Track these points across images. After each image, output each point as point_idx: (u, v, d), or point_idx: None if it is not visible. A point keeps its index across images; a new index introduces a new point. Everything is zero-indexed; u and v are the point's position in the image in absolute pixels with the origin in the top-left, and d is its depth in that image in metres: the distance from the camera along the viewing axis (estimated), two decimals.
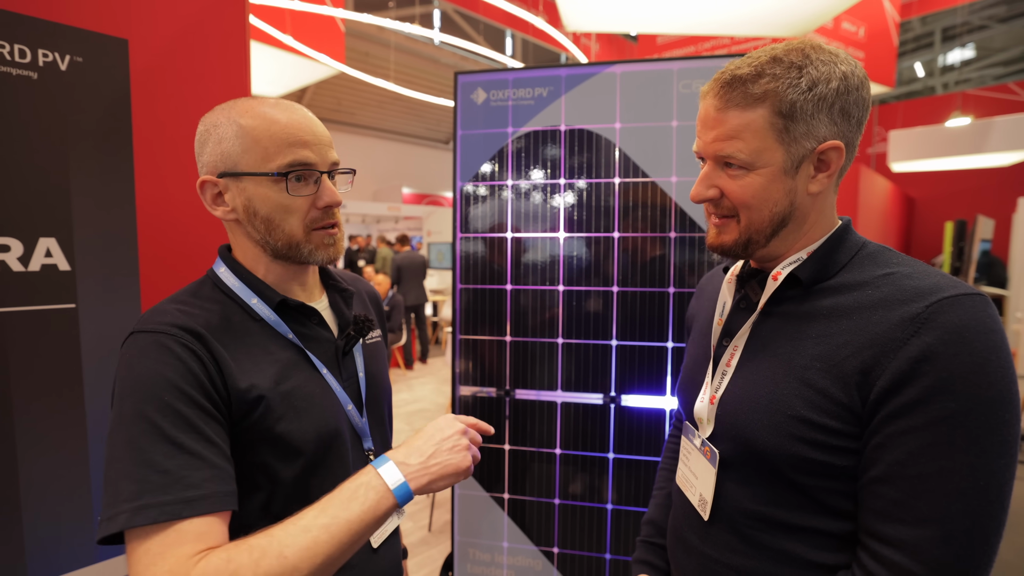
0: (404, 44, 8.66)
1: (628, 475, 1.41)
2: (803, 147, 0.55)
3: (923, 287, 0.51)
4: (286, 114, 0.61)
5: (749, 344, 0.63)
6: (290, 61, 3.67)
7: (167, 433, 0.51)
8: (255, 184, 0.60)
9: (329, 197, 0.63)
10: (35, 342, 0.80)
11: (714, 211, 0.62)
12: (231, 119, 0.61)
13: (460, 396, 1.51)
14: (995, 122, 5.07)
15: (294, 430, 0.60)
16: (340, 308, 0.72)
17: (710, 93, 0.59)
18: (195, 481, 0.51)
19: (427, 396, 4.75)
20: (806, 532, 0.56)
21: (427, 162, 12.26)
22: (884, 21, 5.06)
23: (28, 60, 0.78)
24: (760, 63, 0.55)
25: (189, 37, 0.99)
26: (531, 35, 6.13)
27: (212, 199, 0.63)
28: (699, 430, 0.67)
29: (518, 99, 1.44)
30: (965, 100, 7.23)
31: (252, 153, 0.60)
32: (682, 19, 3.30)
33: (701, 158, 0.62)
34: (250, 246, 0.65)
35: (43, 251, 0.80)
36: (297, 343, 0.65)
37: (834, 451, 0.53)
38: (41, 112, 0.79)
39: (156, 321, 0.56)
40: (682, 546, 0.69)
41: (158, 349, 0.54)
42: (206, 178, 0.61)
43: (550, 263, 1.44)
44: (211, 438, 0.53)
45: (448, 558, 1.65)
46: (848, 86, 0.55)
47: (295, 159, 0.60)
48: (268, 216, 0.61)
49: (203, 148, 0.62)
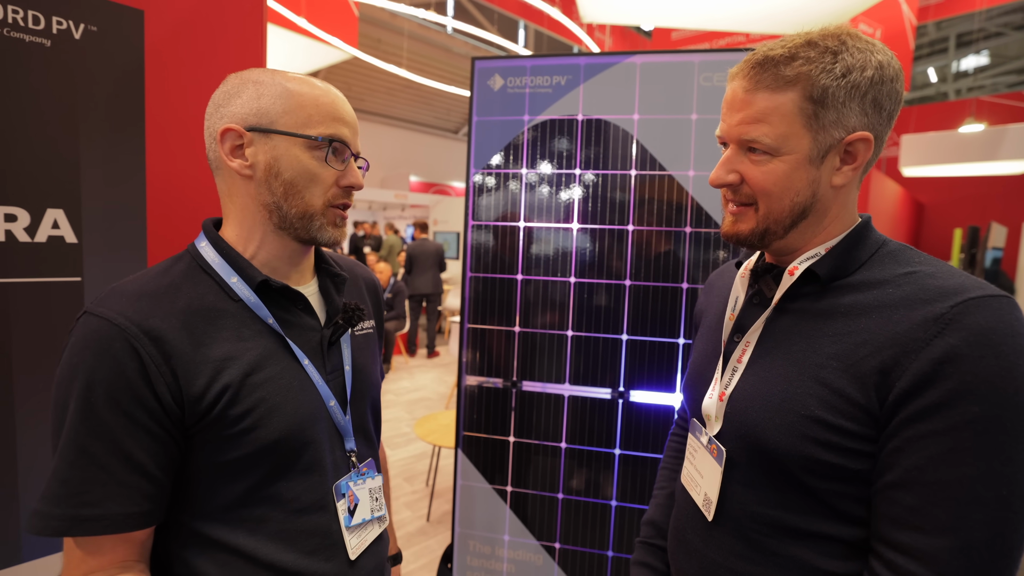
0: (417, 32, 8.59)
1: (634, 472, 1.40)
2: (831, 136, 0.53)
3: (947, 287, 0.49)
4: (332, 92, 0.62)
5: (762, 340, 0.60)
6: (303, 44, 3.63)
7: (80, 440, 0.48)
8: (288, 145, 0.58)
9: (354, 178, 0.62)
10: (39, 314, 0.78)
11: (732, 198, 0.60)
12: (276, 80, 0.59)
13: (466, 386, 1.50)
14: (1008, 129, 5.01)
15: (262, 425, 0.55)
16: (330, 294, 0.67)
17: (739, 74, 0.57)
18: (94, 498, 0.48)
19: (429, 384, 4.75)
20: (815, 538, 0.54)
21: (436, 151, 12.21)
22: (901, 24, 4.99)
23: (42, 27, 0.75)
24: (795, 45, 0.53)
25: (206, 10, 0.97)
26: (545, 26, 6.07)
27: (231, 149, 0.59)
28: (706, 427, 0.65)
29: (535, 87, 1.41)
30: (979, 106, 7.15)
31: (294, 115, 0.58)
32: (699, 14, 3.25)
33: (723, 143, 0.60)
34: (252, 211, 0.60)
35: (50, 222, 0.79)
36: (277, 329, 0.60)
37: (848, 454, 0.50)
38: (53, 81, 0.77)
39: (113, 307, 0.52)
40: (683, 548, 0.67)
41: (100, 346, 0.50)
42: (232, 126, 0.58)
43: (562, 254, 1.42)
44: (130, 452, 0.50)
45: (448, 550, 1.64)
46: (883, 76, 0.53)
47: (337, 132, 0.59)
48: (292, 180, 0.58)
49: (232, 99, 0.58)
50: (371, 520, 0.66)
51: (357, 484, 0.65)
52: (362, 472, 0.66)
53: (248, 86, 0.59)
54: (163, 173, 0.94)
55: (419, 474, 3.04)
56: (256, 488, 0.56)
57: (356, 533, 0.64)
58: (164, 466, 0.53)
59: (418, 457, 3.26)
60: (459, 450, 1.51)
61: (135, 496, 0.50)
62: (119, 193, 0.86)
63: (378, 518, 0.68)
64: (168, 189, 0.96)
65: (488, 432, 1.49)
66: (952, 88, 10.77)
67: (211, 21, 0.98)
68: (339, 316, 0.66)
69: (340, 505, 0.62)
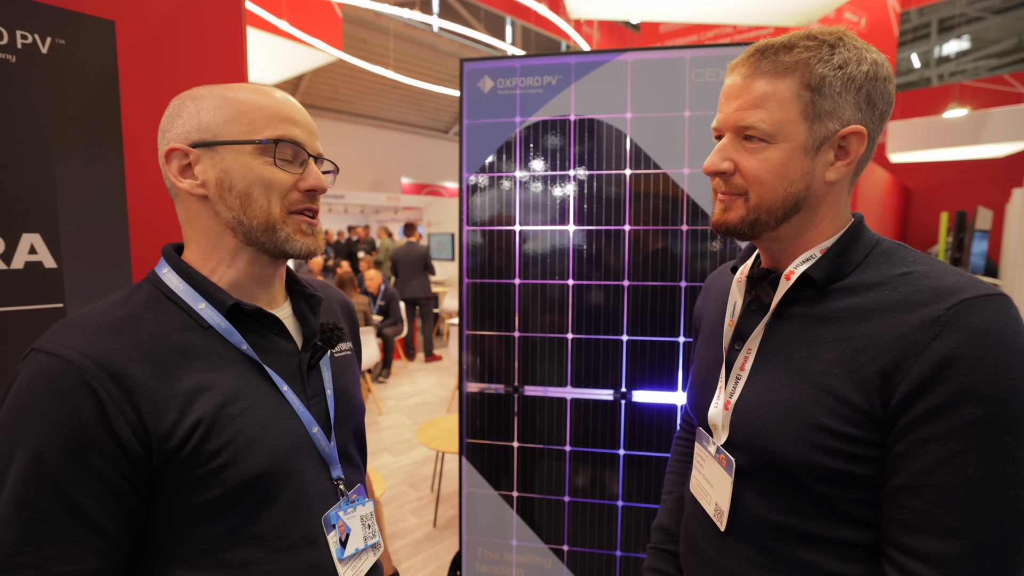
0: (402, 31, 8.51)
1: (639, 471, 1.38)
2: (826, 127, 0.54)
3: (942, 287, 0.49)
4: (276, 96, 0.58)
5: (763, 348, 0.60)
6: (285, 47, 3.57)
7: (19, 494, 0.44)
8: (235, 155, 0.54)
9: (315, 180, 0.58)
10: (21, 345, 0.75)
11: (723, 187, 0.59)
12: (213, 92, 0.56)
13: (468, 393, 1.48)
14: (992, 113, 5.07)
15: (241, 460, 0.51)
16: (306, 316, 0.64)
17: (739, 64, 0.58)
18: (32, 559, 0.44)
19: (429, 388, 4.72)
20: (827, 542, 0.54)
21: (426, 152, 12.14)
22: (885, 11, 5.02)
23: (5, 42, 0.72)
24: (794, 36, 0.55)
25: (181, 18, 0.93)
26: (532, 23, 6.03)
27: (179, 170, 0.55)
28: (713, 436, 0.65)
29: (526, 87, 1.39)
30: (962, 91, 7.22)
31: (236, 123, 0.54)
32: (687, 7, 3.24)
33: (719, 136, 0.60)
34: (215, 232, 0.57)
35: (27, 247, 0.75)
36: (252, 356, 0.56)
37: (856, 460, 0.51)
38: (21, 99, 0.74)
39: (64, 341, 0.47)
40: (696, 556, 0.67)
41: (49, 386, 0.45)
42: (176, 145, 0.55)
43: (559, 257, 1.40)
44: (79, 504, 0.45)
45: (456, 557, 1.62)
46: (877, 74, 0.54)
47: (285, 133, 0.56)
48: (245, 191, 0.55)
49: (174, 121, 0.56)
50: (365, 549, 0.63)
51: (347, 513, 0.61)
52: (351, 500, 0.63)
53: (187, 104, 0.56)
54: (145, 190, 0.91)
55: (423, 480, 3.01)
56: (238, 528, 0.52)
57: (350, 565, 0.61)
58: (120, 518, 0.48)
59: (422, 463, 3.24)
60: (463, 457, 1.49)
61: (83, 554, 0.46)
62: (99, 213, 0.82)
63: (372, 546, 0.64)
64: (151, 207, 0.92)
65: (492, 438, 1.47)
66: (935, 73, 10.88)
67: (187, 29, 0.94)
68: (317, 337, 0.63)
69: (331, 537, 0.59)
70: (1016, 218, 3.69)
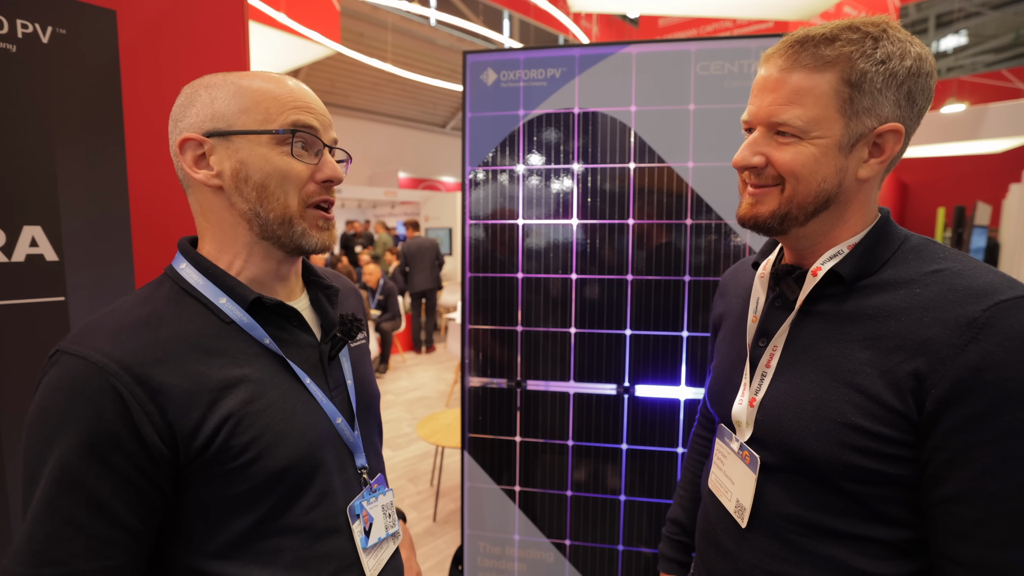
0: (400, 24, 8.44)
1: (641, 466, 1.39)
2: (863, 124, 0.52)
3: (977, 288, 0.48)
4: (290, 84, 0.57)
5: (789, 345, 0.59)
6: (283, 40, 3.54)
7: (48, 493, 0.45)
8: (251, 145, 0.54)
9: (331, 171, 0.57)
10: (22, 338, 0.74)
11: (754, 180, 0.58)
12: (227, 80, 0.55)
13: (469, 387, 1.47)
14: (989, 109, 5.08)
15: (269, 454, 0.52)
16: (324, 307, 0.64)
17: (775, 54, 0.55)
18: (59, 556, 0.45)
19: (428, 383, 4.72)
20: (855, 539, 0.53)
21: (424, 146, 12.07)
22: (884, 6, 5.00)
23: (6, 31, 0.70)
24: (837, 27, 0.53)
25: (182, 8, 0.92)
26: (531, 16, 5.99)
27: (193, 160, 0.55)
28: (736, 433, 0.64)
29: (529, 80, 1.38)
30: (960, 87, 7.23)
31: (252, 112, 0.54)
32: (687, 1, 3.22)
33: (749, 129, 0.58)
34: (230, 224, 0.56)
35: (28, 240, 0.74)
36: (275, 350, 0.56)
37: (887, 459, 0.50)
38: (21, 89, 0.72)
39: (89, 343, 0.48)
40: (714, 548, 0.66)
41: (75, 388, 0.46)
42: (190, 135, 0.54)
43: (562, 251, 1.40)
44: (103, 503, 0.46)
45: (458, 552, 1.63)
46: (920, 69, 0.52)
47: (300, 120, 0.55)
48: (262, 182, 0.54)
49: (187, 110, 0.55)
50: (387, 538, 0.64)
51: (370, 503, 0.63)
52: (374, 489, 0.64)
53: (200, 92, 0.55)
54: (147, 182, 0.90)
55: (423, 474, 3.02)
56: (266, 519, 0.53)
57: (373, 554, 0.62)
58: (143, 515, 0.49)
59: (421, 457, 3.24)
60: (465, 452, 1.49)
61: (107, 549, 0.47)
62: (100, 206, 0.81)
63: (392, 535, 0.66)
64: (153, 199, 0.91)
65: (494, 433, 1.47)
66: None
67: (190, 19, 0.93)
68: (337, 329, 0.63)
69: (355, 527, 0.60)
70: (1014, 213, 3.71)
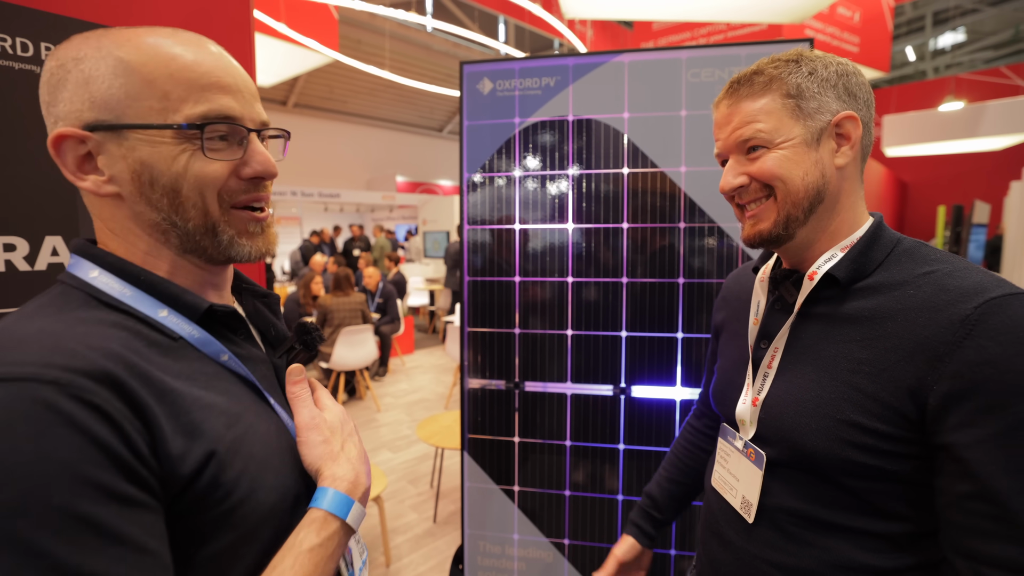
0: (397, 31, 8.51)
1: (639, 466, 1.42)
2: (819, 120, 0.58)
3: (967, 287, 0.50)
4: (192, 49, 0.43)
5: (789, 346, 0.61)
6: (283, 49, 3.59)
7: (58, 558, 0.32)
8: (151, 142, 0.42)
9: (261, 163, 0.46)
10: None
11: (746, 199, 0.62)
12: (104, 50, 0.41)
13: (469, 389, 1.51)
14: (988, 106, 5.09)
15: (259, 488, 0.42)
16: (265, 317, 0.56)
17: (722, 99, 0.63)
18: None
19: (427, 385, 4.76)
20: (854, 533, 0.55)
21: (421, 150, 12.13)
22: (879, 5, 5.03)
23: (31, 54, 0.75)
24: (759, 64, 0.61)
25: (193, 26, 0.96)
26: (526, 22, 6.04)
27: (76, 163, 0.42)
28: (740, 432, 0.66)
29: (525, 89, 1.42)
30: (958, 84, 7.24)
31: (144, 98, 0.41)
32: (681, 5, 3.26)
33: (723, 161, 0.64)
34: (140, 236, 0.44)
35: (49, 249, 0.78)
36: (236, 368, 0.46)
37: (885, 455, 0.52)
38: None
39: (24, 359, 0.34)
40: (717, 539, 0.68)
41: (41, 417, 0.32)
42: (67, 130, 0.41)
43: (559, 254, 1.43)
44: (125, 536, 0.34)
45: (458, 551, 1.66)
46: (846, 71, 0.59)
47: (212, 108, 0.43)
48: (171, 186, 0.42)
49: (57, 93, 0.42)
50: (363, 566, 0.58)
51: None
52: None
53: (69, 68, 0.41)
54: None
55: (423, 476, 3.05)
56: (253, 570, 0.42)
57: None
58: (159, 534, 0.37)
59: (420, 459, 3.27)
60: (465, 453, 1.52)
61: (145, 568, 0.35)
62: None
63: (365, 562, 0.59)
64: None
65: (493, 434, 1.50)
66: (930, 66, 10.89)
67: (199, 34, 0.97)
68: (293, 340, 0.55)
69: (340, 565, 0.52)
70: (1015, 211, 3.72)
